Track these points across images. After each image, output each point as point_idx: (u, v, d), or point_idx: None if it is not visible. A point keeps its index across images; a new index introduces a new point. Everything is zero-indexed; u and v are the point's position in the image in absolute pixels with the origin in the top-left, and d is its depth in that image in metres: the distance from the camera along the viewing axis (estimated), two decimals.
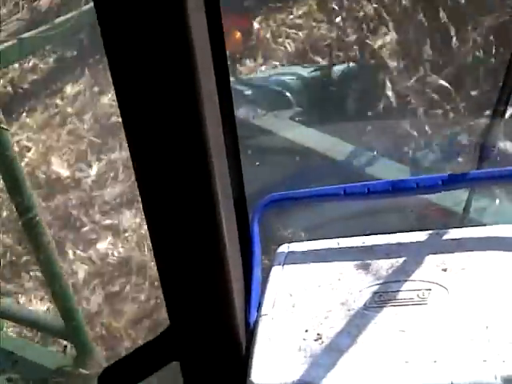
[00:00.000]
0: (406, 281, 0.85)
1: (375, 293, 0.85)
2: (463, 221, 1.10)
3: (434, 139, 2.81)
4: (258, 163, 2.71)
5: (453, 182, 0.90)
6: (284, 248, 0.98)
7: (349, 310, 0.83)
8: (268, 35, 4.18)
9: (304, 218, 2.04)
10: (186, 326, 0.86)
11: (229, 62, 0.84)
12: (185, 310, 0.85)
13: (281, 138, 3.10)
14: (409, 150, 2.76)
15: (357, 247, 0.94)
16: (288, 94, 3.41)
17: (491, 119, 0.97)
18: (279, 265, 0.95)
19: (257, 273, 0.91)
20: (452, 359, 0.73)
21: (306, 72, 3.60)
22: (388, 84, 3.31)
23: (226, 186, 0.84)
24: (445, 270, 0.85)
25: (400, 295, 0.83)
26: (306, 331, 0.82)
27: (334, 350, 0.79)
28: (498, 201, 2.25)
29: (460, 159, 2.51)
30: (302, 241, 0.99)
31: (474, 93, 3.03)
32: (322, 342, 0.80)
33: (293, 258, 0.95)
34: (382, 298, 0.84)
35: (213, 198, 0.77)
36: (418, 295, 0.82)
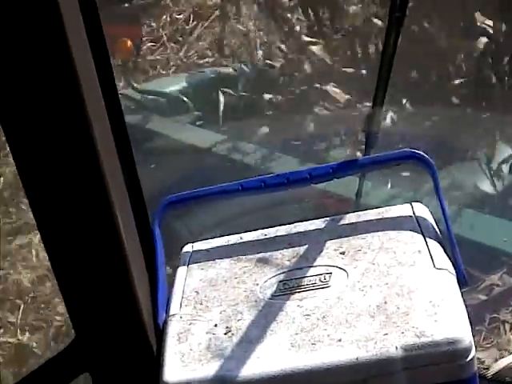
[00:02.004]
0: (308, 267, 0.88)
1: (280, 281, 0.87)
2: (357, 206, 1.15)
3: (328, 131, 2.91)
4: (152, 165, 2.71)
5: (343, 169, 0.94)
6: (188, 248, 0.99)
7: (256, 301, 0.85)
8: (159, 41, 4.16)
9: (206, 216, 2.06)
10: (93, 336, 0.85)
11: (122, 71, 0.85)
12: (89, 321, 0.84)
13: (179, 141, 3.11)
14: (303, 144, 2.84)
15: (259, 240, 0.96)
16: (186, 99, 3.44)
17: (372, 107, 1.03)
18: (184, 265, 0.96)
19: (162, 274, 0.91)
20: (355, 337, 0.77)
21: (202, 76, 3.65)
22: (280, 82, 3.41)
23: (121, 190, 0.84)
24: (343, 254, 0.89)
25: (303, 281, 0.86)
26: (216, 326, 0.83)
27: (244, 341, 0.80)
28: (389, 185, 2.37)
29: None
30: (206, 239, 1.01)
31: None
32: (232, 335, 0.81)
33: (197, 257, 0.96)
34: (287, 285, 0.86)
35: (107, 203, 0.77)
36: (320, 279, 0.86)
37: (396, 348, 0.75)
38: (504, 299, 2.18)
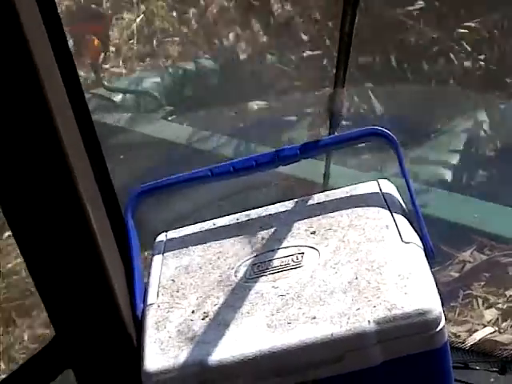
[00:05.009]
0: (280, 248, 0.89)
1: (254, 264, 0.88)
2: (325, 186, 1.16)
3: (293, 114, 2.93)
4: (121, 156, 2.70)
5: (309, 149, 0.95)
6: (162, 237, 1.00)
7: (231, 285, 0.87)
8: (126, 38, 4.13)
9: (179, 205, 2.06)
10: (72, 332, 0.85)
11: (91, 70, 0.87)
12: (67, 317, 0.84)
13: (150, 136, 3.11)
14: (270, 129, 2.85)
15: (232, 225, 0.97)
16: (157, 94, 3.44)
17: (334, 87, 1.04)
18: (159, 254, 0.96)
19: (137, 265, 0.92)
20: (329, 314, 0.79)
21: (173, 71, 3.65)
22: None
23: (90, 184, 0.84)
24: (313, 233, 0.91)
25: (276, 263, 0.87)
26: (193, 312, 0.84)
27: (222, 325, 0.81)
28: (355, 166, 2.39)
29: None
30: (179, 227, 1.01)
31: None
32: (209, 320, 0.82)
33: (172, 245, 0.97)
34: (261, 268, 0.88)
35: (77, 198, 0.78)
36: (292, 260, 0.87)
37: (369, 322, 0.77)
38: (475, 275, 2.23)
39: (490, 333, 2.00)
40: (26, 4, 0.70)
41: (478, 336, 1.98)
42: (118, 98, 3.52)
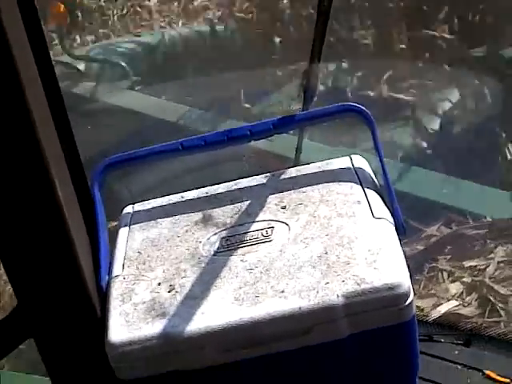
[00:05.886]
0: (250, 222, 0.89)
1: (222, 238, 0.88)
2: (297, 162, 1.16)
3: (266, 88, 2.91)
4: (89, 127, 2.66)
5: (282, 124, 0.94)
6: (129, 209, 0.98)
7: (199, 259, 0.86)
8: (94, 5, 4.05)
9: (147, 177, 2.04)
10: (35, 301, 0.84)
11: (56, 37, 0.84)
12: (30, 287, 0.83)
13: (116, 106, 3.06)
14: (241, 102, 2.83)
15: (201, 198, 0.96)
16: (124, 64, 3.38)
17: (309, 62, 1.03)
18: (125, 226, 0.95)
19: (103, 237, 0.90)
20: (298, 287, 0.78)
21: (142, 41, 3.59)
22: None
23: (57, 154, 0.82)
24: (284, 208, 0.90)
25: (246, 237, 0.87)
26: (159, 285, 0.83)
27: (188, 298, 0.81)
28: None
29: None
30: (146, 200, 1.00)
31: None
32: (176, 293, 0.82)
33: (138, 218, 0.96)
34: (230, 241, 0.87)
35: (43, 167, 0.76)
36: (262, 234, 0.86)
37: (337, 296, 0.77)
38: (441, 248, 2.26)
39: (455, 306, 2.04)
40: None
41: (442, 309, 2.01)
42: (82, 66, 3.45)
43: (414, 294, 0.80)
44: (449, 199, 2.36)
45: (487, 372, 1.13)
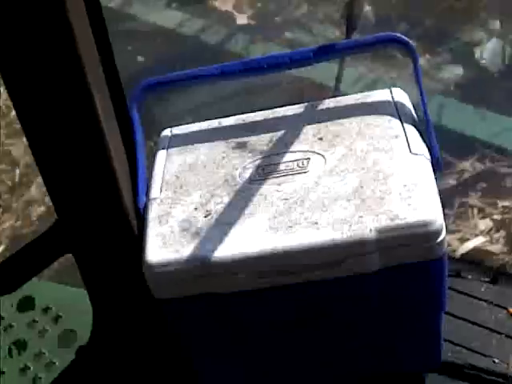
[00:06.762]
0: (286, 152, 0.89)
1: (258, 166, 0.88)
2: (335, 92, 1.15)
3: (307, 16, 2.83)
4: (130, 47, 2.64)
5: (323, 53, 0.92)
6: (167, 132, 0.99)
7: (235, 185, 0.87)
8: None
9: (184, 101, 2.03)
10: (74, 217, 0.86)
11: None
12: (70, 202, 0.85)
13: (154, 24, 3.01)
14: (283, 28, 2.76)
15: (238, 125, 0.96)
16: None
17: None
18: (163, 149, 0.96)
19: (141, 159, 0.92)
20: (332, 220, 0.79)
21: None
22: None
23: (98, 74, 0.82)
24: (321, 139, 0.90)
25: (281, 167, 0.87)
26: (195, 209, 0.85)
27: (224, 223, 0.82)
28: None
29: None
30: (184, 124, 1.00)
31: None
32: (212, 218, 0.83)
33: (176, 142, 0.96)
34: (265, 170, 0.87)
35: (85, 86, 0.76)
36: (297, 165, 0.87)
37: (370, 230, 0.77)
38: (473, 184, 2.24)
39: (482, 242, 2.03)
40: None
41: (470, 245, 2.01)
42: None
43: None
44: (486, 135, 2.31)
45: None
